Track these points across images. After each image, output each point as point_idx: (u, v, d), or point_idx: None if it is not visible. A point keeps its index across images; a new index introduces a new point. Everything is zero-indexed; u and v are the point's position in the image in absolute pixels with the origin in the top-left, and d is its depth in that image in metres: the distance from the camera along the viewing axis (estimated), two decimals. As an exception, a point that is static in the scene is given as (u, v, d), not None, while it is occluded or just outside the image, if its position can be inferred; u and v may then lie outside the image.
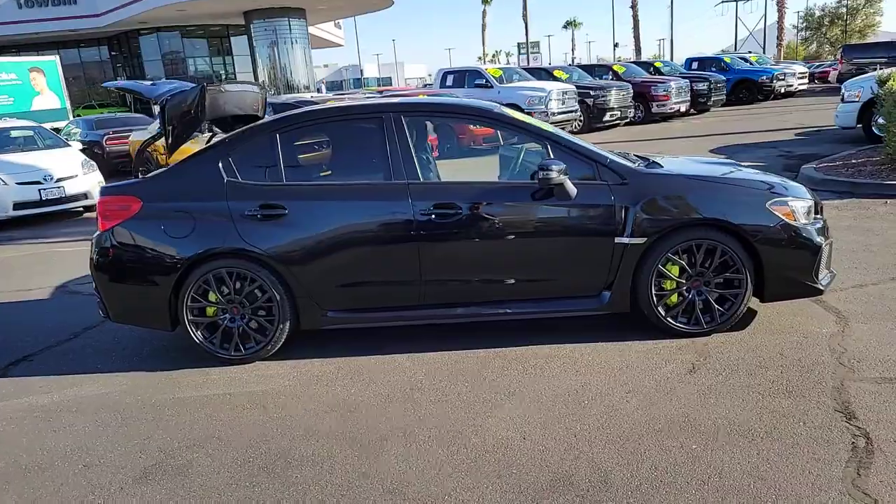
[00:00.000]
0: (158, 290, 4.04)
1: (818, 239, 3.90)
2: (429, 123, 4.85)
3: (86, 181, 10.20)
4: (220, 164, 4.06)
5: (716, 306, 3.94)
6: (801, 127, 14.59)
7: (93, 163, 10.84)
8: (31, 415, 3.65)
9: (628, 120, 18.33)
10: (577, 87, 16.92)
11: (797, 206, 3.91)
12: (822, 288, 3.96)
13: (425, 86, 45.46)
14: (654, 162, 4.32)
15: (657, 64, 22.63)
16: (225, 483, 2.87)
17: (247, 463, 3.01)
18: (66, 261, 7.40)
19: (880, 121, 11.39)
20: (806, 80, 25.62)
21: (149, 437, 3.32)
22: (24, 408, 3.75)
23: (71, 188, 9.98)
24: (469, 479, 2.75)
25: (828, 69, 31.61)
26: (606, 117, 17.29)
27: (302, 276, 3.96)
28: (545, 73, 18.92)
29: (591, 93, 17.28)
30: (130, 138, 14.81)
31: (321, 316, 4.07)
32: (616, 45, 66.67)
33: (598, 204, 3.89)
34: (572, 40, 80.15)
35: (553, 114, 15.91)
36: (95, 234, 4.16)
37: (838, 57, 25.87)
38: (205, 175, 4.07)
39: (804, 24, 54.79)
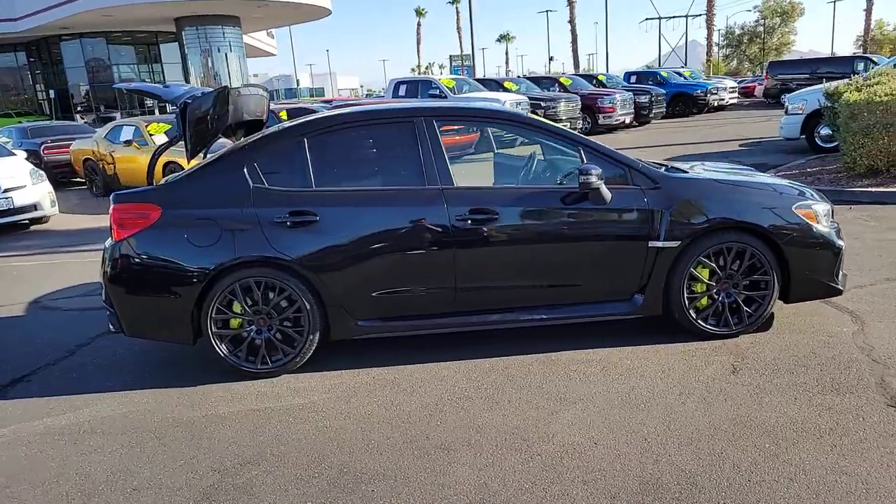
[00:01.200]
0: (181, 302, 3.82)
1: (839, 241, 4.06)
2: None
3: (35, 192, 9.60)
4: (245, 170, 3.89)
5: (744, 308, 4.04)
6: (743, 138, 15.26)
7: (41, 172, 10.22)
8: (52, 438, 3.37)
9: (577, 131, 18.72)
10: (529, 98, 17.18)
11: (819, 209, 4.06)
12: (841, 288, 4.12)
13: (366, 95, 45.20)
14: (674, 167, 4.40)
15: (600, 77, 23.26)
16: (298, 499, 2.72)
17: (312, 479, 2.87)
18: (29, 276, 6.93)
19: (824, 132, 12.11)
20: (736, 95, 26.91)
21: (194, 456, 3.12)
22: (42, 430, 3.46)
23: (19, 199, 9.36)
24: (555, 487, 2.71)
25: (752, 84, 33.30)
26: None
27: (334, 284, 3.83)
28: (496, 85, 19.14)
29: (542, 104, 17.56)
30: (72, 147, 14.09)
31: (353, 326, 3.94)
32: (551, 59, 68.38)
33: (633, 208, 3.93)
34: (506, 53, 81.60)
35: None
36: (109, 244, 3.91)
37: (764, 73, 27.32)
38: (229, 181, 3.88)
39: (725, 42, 57.72)
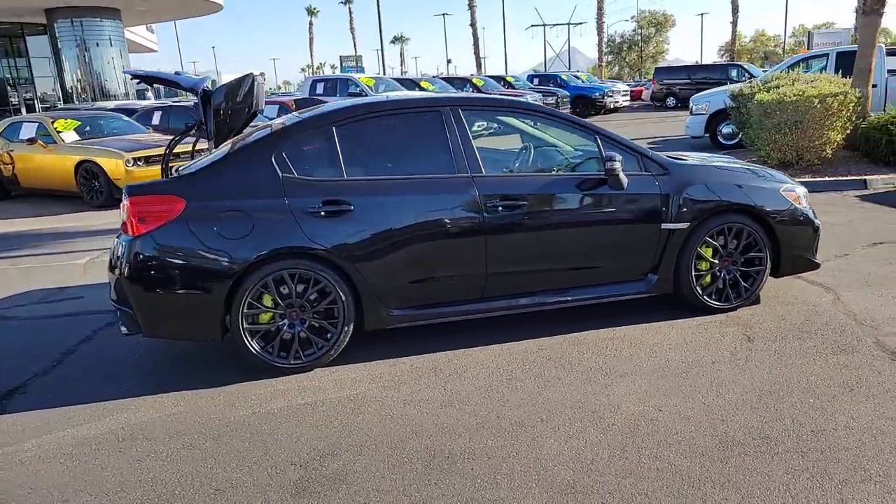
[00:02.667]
0: (210, 298, 3.65)
1: (817, 220, 4.51)
2: None
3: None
4: (273, 159, 3.78)
5: (742, 283, 4.39)
6: (648, 137, 16.24)
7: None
8: (89, 448, 3.13)
9: (492, 131, 19.17)
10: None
11: (800, 191, 4.50)
12: (819, 263, 4.57)
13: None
14: (674, 156, 4.69)
15: (508, 78, 23.95)
16: (399, 483, 2.71)
17: (405, 463, 2.86)
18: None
19: (726, 130, 13.17)
20: (629, 98, 28.55)
21: (264, 453, 3.01)
22: (71, 442, 3.20)
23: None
24: (645, 451, 2.86)
25: (639, 88, 35.45)
26: (474, 127, 17.94)
27: (369, 274, 3.80)
28: (413, 84, 19.24)
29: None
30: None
31: (386, 315, 3.92)
32: (449, 62, 69.26)
33: (648, 193, 4.18)
34: (401, 55, 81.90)
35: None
36: (125, 240, 3.66)
37: (652, 78, 29.18)
38: (257, 171, 3.76)
39: (608, 49, 60.95)
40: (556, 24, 60.70)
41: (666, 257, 4.25)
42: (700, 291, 4.33)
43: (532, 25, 54.63)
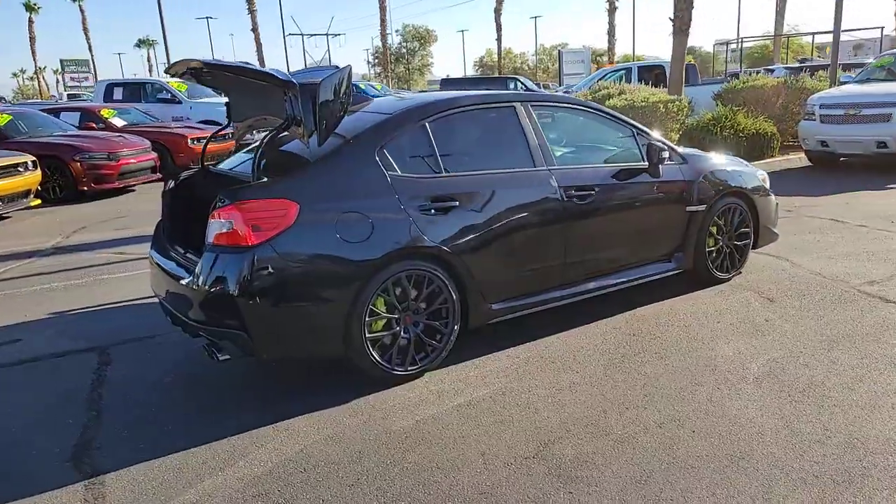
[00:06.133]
0: (336, 308, 3.36)
1: (776, 199, 5.40)
2: None
3: None
4: (378, 157, 3.58)
5: (736, 255, 5.11)
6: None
7: None
8: (281, 486, 2.73)
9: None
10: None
11: (765, 175, 5.36)
12: (778, 234, 5.48)
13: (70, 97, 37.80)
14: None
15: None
16: (630, 463, 2.82)
17: (623, 444, 2.96)
18: None
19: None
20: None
21: (480, 453, 2.89)
22: (248, 482, 2.75)
23: None
24: (808, 399, 3.30)
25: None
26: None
27: (475, 270, 3.77)
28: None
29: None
30: None
31: (487, 310, 3.91)
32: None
33: (677, 180, 4.69)
34: (148, 60, 75.46)
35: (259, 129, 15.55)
36: (234, 252, 3.21)
37: (440, 88, 30.73)
38: (363, 170, 3.54)
39: (376, 61, 62.60)
40: (315, 35, 61.01)
41: (688, 237, 4.79)
42: (710, 265, 4.95)
43: (290, 34, 53.80)
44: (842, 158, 10.60)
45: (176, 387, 3.73)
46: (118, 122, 13.60)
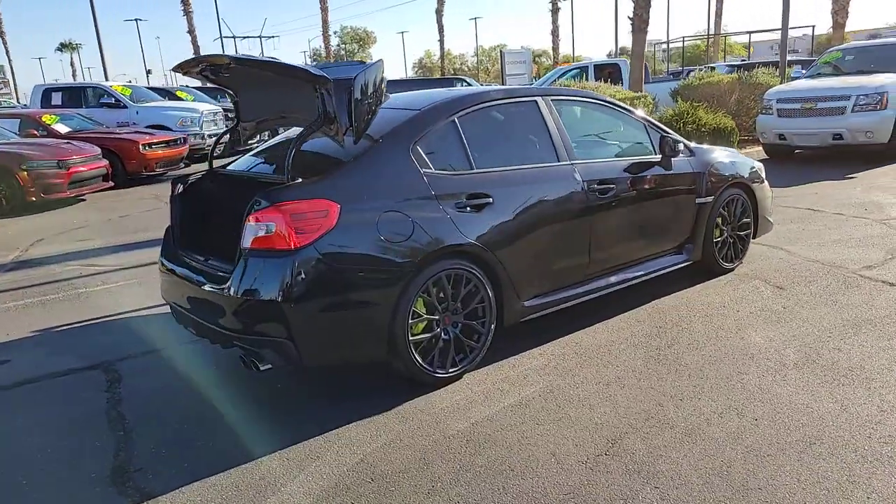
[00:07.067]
0: (379, 310, 3.23)
1: (769, 189, 5.53)
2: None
3: None
4: (412, 155, 3.47)
5: (738, 245, 5.20)
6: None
7: None
8: (350, 490, 2.59)
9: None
10: (224, 108, 16.26)
11: (761, 164, 5.48)
12: (773, 223, 5.61)
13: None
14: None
15: (180, 93, 23.11)
16: (691, 456, 2.80)
17: (692, 436, 2.95)
18: None
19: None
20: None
21: (551, 453, 2.82)
22: (318, 491, 2.60)
23: None
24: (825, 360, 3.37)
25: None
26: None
27: (510, 267, 3.70)
28: (166, 94, 17.47)
29: (231, 115, 16.77)
30: None
31: (520, 307, 3.84)
32: (149, 72, 63.10)
33: (687, 172, 4.73)
34: (72, 64, 72.25)
35: (206, 136, 15.11)
36: (275, 256, 3.03)
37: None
38: (398, 167, 3.41)
39: (314, 63, 61.71)
40: (247, 37, 59.77)
41: (697, 228, 4.85)
42: (718, 255, 5.02)
43: (222, 37, 52.26)
44: (796, 151, 11.01)
45: (201, 401, 3.51)
46: (62, 129, 12.93)
